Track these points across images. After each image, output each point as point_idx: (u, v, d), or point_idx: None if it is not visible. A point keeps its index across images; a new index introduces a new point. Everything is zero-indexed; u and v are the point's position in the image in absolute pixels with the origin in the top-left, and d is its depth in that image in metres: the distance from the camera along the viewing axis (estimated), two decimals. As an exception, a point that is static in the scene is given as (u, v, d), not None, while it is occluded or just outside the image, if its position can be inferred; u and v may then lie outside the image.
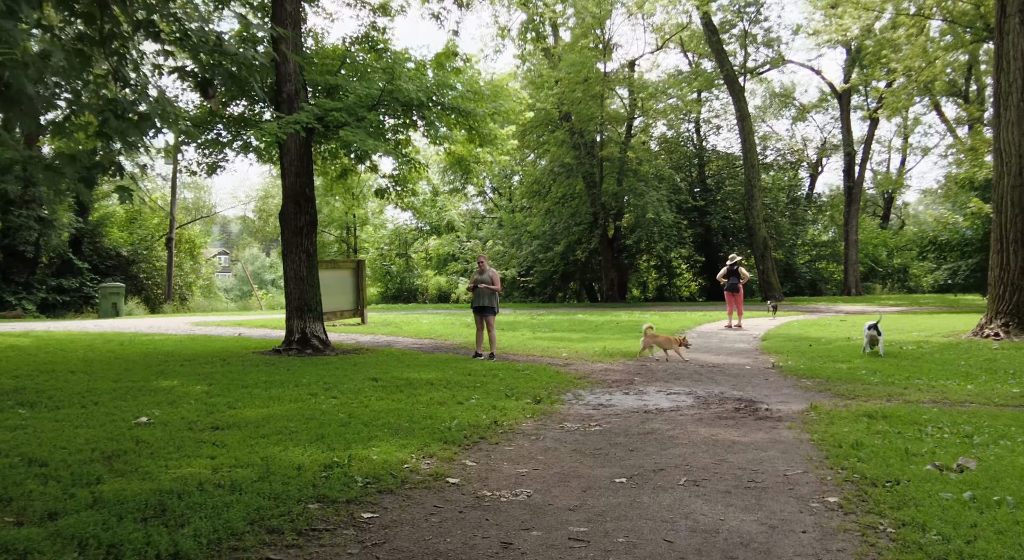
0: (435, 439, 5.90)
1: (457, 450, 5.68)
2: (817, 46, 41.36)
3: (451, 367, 10.73)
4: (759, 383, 9.72)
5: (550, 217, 32.96)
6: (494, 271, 11.99)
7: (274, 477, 4.59)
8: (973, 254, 21.32)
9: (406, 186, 14.33)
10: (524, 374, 10.09)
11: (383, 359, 11.67)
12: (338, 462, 4.99)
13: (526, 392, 8.70)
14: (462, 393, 8.51)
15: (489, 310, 12.00)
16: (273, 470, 4.74)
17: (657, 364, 11.62)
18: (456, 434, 6.13)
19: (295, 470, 4.77)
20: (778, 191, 39.70)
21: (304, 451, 5.31)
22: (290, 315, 12.83)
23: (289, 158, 12.75)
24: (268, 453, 5.24)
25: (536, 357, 12.52)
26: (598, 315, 23.16)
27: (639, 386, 9.57)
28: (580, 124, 30.72)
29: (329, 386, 8.84)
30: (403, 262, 36.46)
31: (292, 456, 5.16)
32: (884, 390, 8.73)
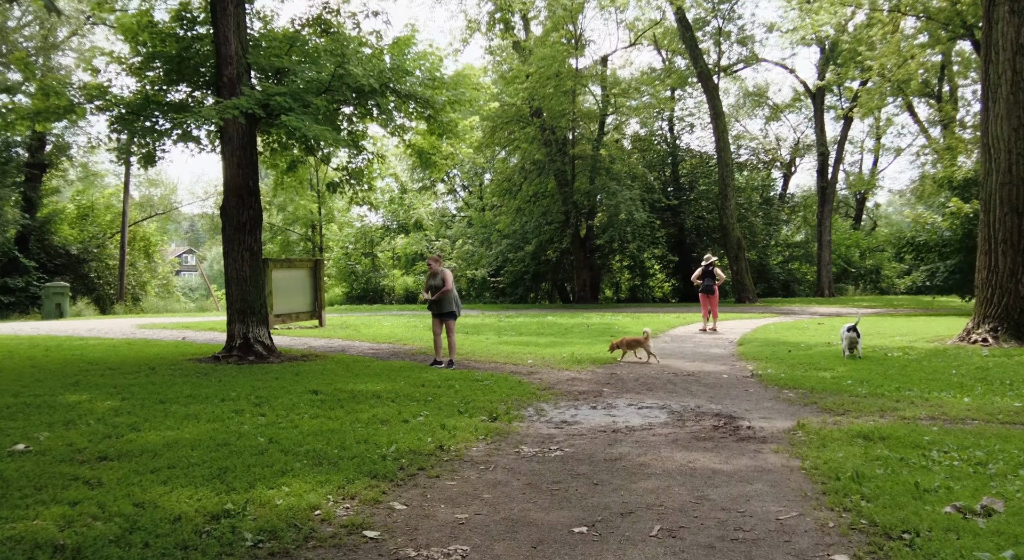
0: (363, 472, 4.95)
1: (387, 487, 4.74)
2: (791, 45, 41.12)
3: (404, 377, 9.77)
4: (738, 395, 8.91)
5: (520, 216, 32.06)
6: (447, 271, 11.00)
7: (138, 535, 3.62)
8: (952, 255, 20.85)
9: (362, 180, 13.32)
10: (483, 385, 9.17)
11: (331, 367, 10.67)
12: (231, 510, 4.03)
13: (482, 407, 7.78)
14: (410, 409, 7.56)
15: (450, 315, 11.05)
16: (142, 524, 3.77)
17: (628, 372, 10.77)
18: (390, 465, 5.19)
19: (170, 524, 3.80)
20: (752, 191, 39.24)
21: (194, 493, 4.33)
22: (231, 319, 11.77)
23: (231, 147, 11.69)
24: (148, 496, 4.25)
25: (499, 364, 11.61)
26: (568, 317, 22.32)
27: (608, 398, 8.71)
28: (551, 120, 29.87)
29: (260, 401, 7.84)
30: (369, 262, 35.24)
31: (175, 501, 4.18)
32: (875, 404, 7.96)
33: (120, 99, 12.19)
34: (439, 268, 10.88)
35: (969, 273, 20.94)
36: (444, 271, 10.87)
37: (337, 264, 35.38)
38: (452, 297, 11.00)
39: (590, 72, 32.03)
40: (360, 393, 8.41)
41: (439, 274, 10.86)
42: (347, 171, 13.21)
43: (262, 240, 38.14)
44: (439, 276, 10.85)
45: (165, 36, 12.27)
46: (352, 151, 11.96)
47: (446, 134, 12.77)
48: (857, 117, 41.10)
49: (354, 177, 13.17)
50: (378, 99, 11.21)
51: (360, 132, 13.71)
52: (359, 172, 13.55)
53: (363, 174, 13.83)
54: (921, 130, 41.97)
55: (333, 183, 13.08)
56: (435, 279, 10.91)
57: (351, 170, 13.17)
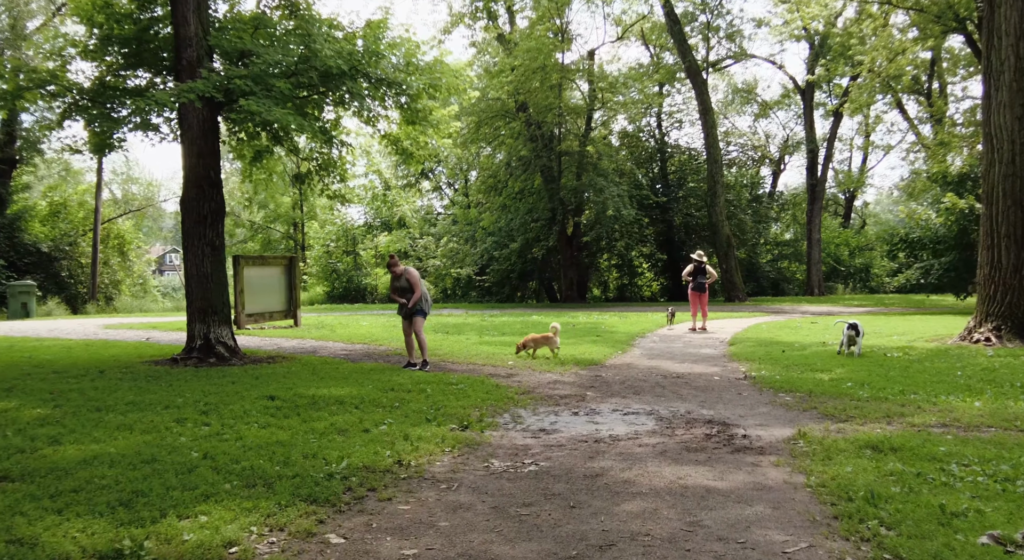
0: (301, 496, 4.26)
1: (327, 514, 4.05)
2: (780, 41, 40.76)
3: (373, 380, 9.07)
4: (731, 399, 8.27)
5: (506, 213, 31.35)
6: (410, 270, 10.22)
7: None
8: (946, 252, 20.35)
9: (332, 172, 12.59)
10: (457, 389, 8.48)
11: (296, 370, 9.95)
12: (125, 549, 3.33)
13: (453, 414, 7.10)
14: (374, 416, 6.87)
15: (418, 313, 10.34)
16: (7, 570, 3.07)
17: (614, 375, 10.12)
18: (335, 486, 4.50)
19: (43, 569, 3.10)
20: (741, 188, 38.71)
21: (89, 525, 3.63)
22: (191, 318, 11.02)
23: (190, 136, 10.94)
24: (32, 530, 3.55)
25: (478, 366, 10.92)
26: (554, 316, 21.65)
27: (592, 403, 8.05)
28: (537, 115, 29.19)
29: (208, 408, 7.12)
30: (351, 260, 34.40)
31: (63, 536, 3.48)
32: (879, 408, 7.34)
33: (74, 84, 11.41)
34: (400, 269, 10.11)
35: (964, 271, 20.50)
36: (408, 271, 10.09)
37: (318, 262, 34.53)
38: (424, 292, 10.31)
39: (577, 66, 31.38)
40: (321, 399, 7.70)
41: (402, 275, 10.11)
42: (317, 162, 12.47)
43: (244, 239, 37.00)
44: (403, 277, 10.10)
45: (122, 17, 11.50)
46: (321, 140, 11.20)
47: (420, 123, 12.04)
48: (847, 114, 40.71)
49: (324, 168, 12.43)
50: (348, 83, 10.48)
51: (332, 122, 12.99)
52: (330, 163, 12.82)
53: (335, 165, 13.10)
54: (911, 127, 41.62)
55: (300, 175, 12.34)
56: (399, 280, 10.18)
57: (320, 161, 12.43)
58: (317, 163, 12.48)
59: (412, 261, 35.20)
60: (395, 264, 10.06)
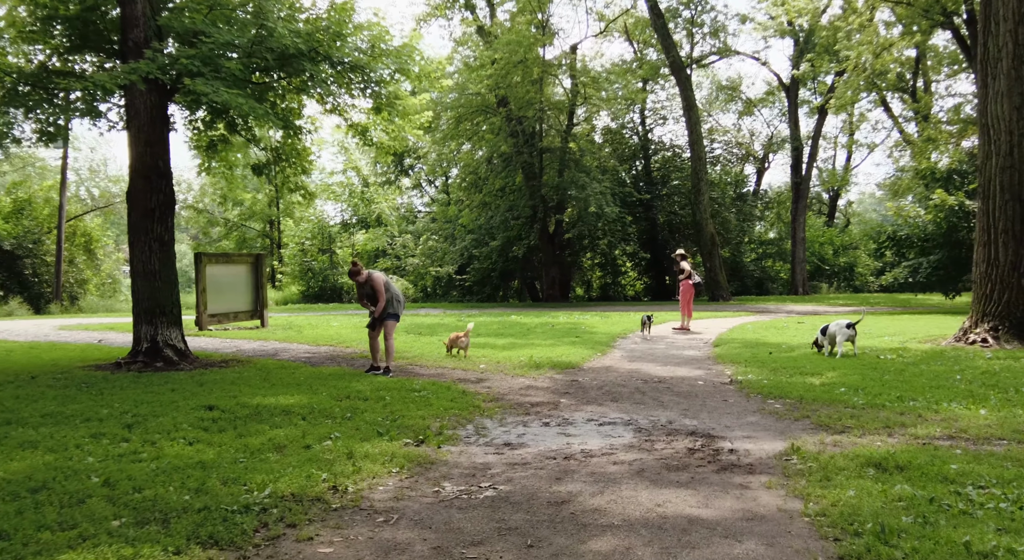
0: (200, 537, 3.54)
1: None
2: (764, 38, 40.30)
3: (330, 387, 8.34)
4: (716, 406, 7.63)
5: (486, 210, 30.61)
6: (375, 275, 9.45)
7: None
8: (934, 250, 19.89)
9: (293, 163, 11.82)
10: (419, 397, 7.77)
11: (248, 376, 9.19)
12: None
13: (411, 426, 6.40)
14: (320, 429, 6.15)
15: (390, 316, 9.62)
16: None
17: (591, 379, 9.45)
18: (247, 522, 3.78)
19: None
20: (725, 186, 38.24)
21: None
22: (137, 320, 10.23)
23: (138, 122, 10.15)
24: None
25: (446, 370, 10.21)
26: (534, 316, 20.99)
27: (565, 412, 7.37)
28: (518, 110, 28.47)
29: (135, 421, 6.36)
30: (326, 258, 33.48)
31: None
32: (877, 417, 6.72)
33: (12, 66, 10.57)
34: (364, 276, 9.35)
35: (953, 269, 20.05)
36: (371, 277, 9.34)
37: (292, 261, 33.56)
38: (393, 293, 9.59)
39: (559, 61, 30.72)
40: (266, 409, 6.97)
41: (367, 281, 9.37)
42: (276, 152, 11.69)
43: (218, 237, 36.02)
44: (367, 284, 9.37)
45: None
46: (276, 126, 10.42)
47: (387, 108, 11.31)
48: (832, 112, 40.33)
49: (283, 159, 11.66)
50: (307, 66, 9.71)
51: (295, 109, 12.24)
52: (291, 153, 12.06)
53: (297, 156, 12.34)
54: (895, 125, 41.38)
55: (258, 166, 11.55)
56: (365, 287, 9.45)
57: (280, 150, 11.65)
58: (276, 153, 11.69)
59: (390, 260, 34.40)
60: (357, 271, 9.32)
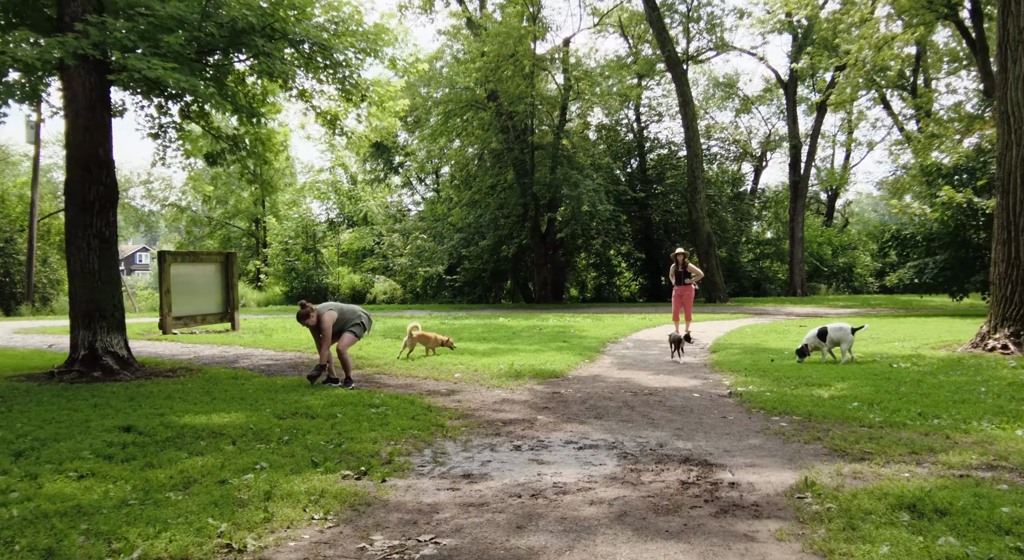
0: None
1: None
2: (762, 34, 39.43)
3: (278, 401, 7.40)
4: (714, 424, 6.70)
5: (475, 208, 29.64)
6: (326, 316, 8.38)
7: None
8: (941, 250, 19.01)
9: (252, 152, 10.86)
10: (376, 414, 6.83)
11: (190, 388, 8.23)
12: None
13: (357, 451, 5.46)
14: (246, 457, 5.21)
15: (351, 330, 8.64)
16: None
17: (575, 391, 8.51)
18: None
19: None
20: (722, 184, 37.35)
21: None
22: (74, 324, 9.25)
23: (75, 106, 9.20)
24: None
25: (417, 380, 9.28)
26: (522, 319, 20.06)
27: (541, 431, 6.44)
28: (509, 105, 27.52)
29: (30, 447, 5.41)
30: (311, 258, 32.44)
31: None
32: (899, 440, 5.81)
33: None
34: (313, 319, 8.35)
35: (960, 270, 19.18)
36: (321, 318, 8.35)
37: (274, 261, 32.50)
38: (348, 318, 8.63)
39: (551, 55, 29.79)
40: (193, 430, 6.02)
41: (318, 323, 8.40)
42: (233, 140, 10.72)
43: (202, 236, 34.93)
44: (319, 326, 8.38)
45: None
46: (223, 108, 9.44)
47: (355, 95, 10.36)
48: (831, 109, 39.46)
49: (241, 147, 10.69)
50: (260, 42, 8.75)
51: (257, 95, 11.29)
52: (256, 141, 11.10)
53: (262, 145, 11.38)
54: (895, 123, 40.55)
55: (212, 155, 10.58)
56: (319, 332, 8.47)
57: (236, 138, 10.68)
58: (233, 141, 10.72)
59: (377, 259, 33.36)
60: (306, 314, 8.34)
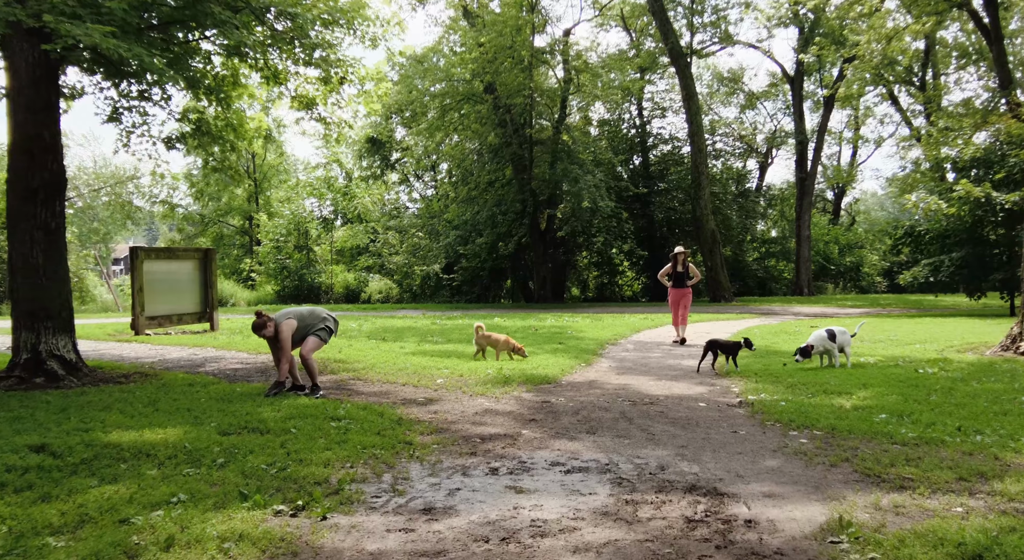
0: None
1: None
2: (767, 27, 38.51)
3: (228, 413, 6.55)
4: (723, 441, 5.84)
5: (472, 205, 28.76)
6: (283, 326, 7.52)
7: None
8: (957, 247, 18.09)
9: (218, 137, 10.01)
10: (336, 428, 5.98)
11: (136, 397, 7.38)
12: None
13: (301, 477, 4.61)
14: (166, 486, 4.36)
15: (316, 334, 7.78)
16: None
17: (568, 399, 7.65)
18: None
19: None
20: (726, 181, 36.45)
21: None
22: (16, 325, 8.42)
23: (18, 85, 8.36)
24: None
25: (394, 387, 8.42)
26: (519, 319, 19.20)
27: (524, 449, 5.58)
28: (507, 97, 26.65)
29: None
30: (303, 256, 31.54)
31: None
32: (940, 461, 4.96)
33: None
34: (270, 330, 7.48)
35: (978, 268, 18.28)
36: (279, 328, 7.49)
37: (265, 259, 31.67)
38: (310, 323, 7.75)
39: (551, 47, 28.90)
40: (116, 450, 5.17)
41: (276, 332, 7.53)
42: (197, 124, 9.86)
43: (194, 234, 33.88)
44: (278, 335, 7.53)
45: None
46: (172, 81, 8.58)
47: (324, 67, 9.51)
48: (838, 105, 38.60)
49: (205, 131, 9.84)
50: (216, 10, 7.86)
51: (226, 77, 10.44)
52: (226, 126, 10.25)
53: (233, 131, 10.53)
54: (903, 119, 39.62)
55: (170, 139, 9.72)
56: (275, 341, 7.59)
57: (200, 121, 9.83)
58: (197, 125, 9.87)
59: (372, 257, 32.44)
60: (262, 325, 7.45)
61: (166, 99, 9.86)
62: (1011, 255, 17.74)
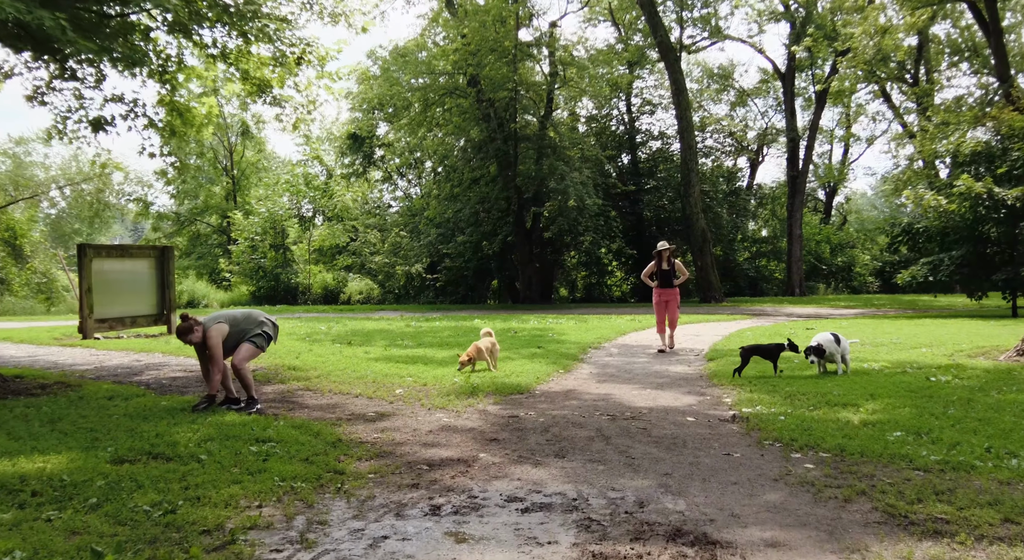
0: None
1: None
2: (758, 22, 37.78)
3: (136, 433, 5.61)
4: (715, 466, 4.95)
5: (454, 202, 27.81)
6: (213, 330, 6.60)
7: None
8: (957, 244, 17.30)
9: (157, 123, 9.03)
10: (257, 454, 5.04)
11: (38, 412, 6.43)
12: None
13: (188, 523, 3.69)
14: (2, 542, 3.42)
15: (251, 339, 6.83)
16: None
17: (539, 413, 6.75)
18: None
19: None
20: (717, 179, 35.66)
21: None
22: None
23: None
24: None
25: (345, 398, 7.50)
26: (500, 321, 18.29)
27: (478, 479, 4.67)
28: (490, 91, 25.74)
29: None
30: (279, 255, 30.43)
31: None
32: (974, 495, 4.12)
33: None
34: (197, 335, 6.58)
35: (979, 267, 17.50)
36: (207, 334, 6.59)
37: (240, 258, 30.54)
38: (245, 327, 6.80)
39: (537, 41, 28.01)
40: (-26, 484, 4.22)
41: (203, 341, 6.61)
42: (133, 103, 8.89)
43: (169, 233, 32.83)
44: (207, 341, 6.59)
45: None
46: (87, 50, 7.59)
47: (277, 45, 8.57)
48: (830, 102, 37.94)
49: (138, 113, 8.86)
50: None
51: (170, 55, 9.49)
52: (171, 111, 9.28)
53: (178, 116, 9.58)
54: (896, 116, 39.01)
55: (97, 121, 8.73)
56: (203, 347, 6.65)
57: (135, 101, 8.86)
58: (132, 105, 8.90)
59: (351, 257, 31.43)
60: (188, 329, 6.53)
61: (99, 80, 8.89)
62: (1013, 253, 16.97)
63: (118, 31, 8.72)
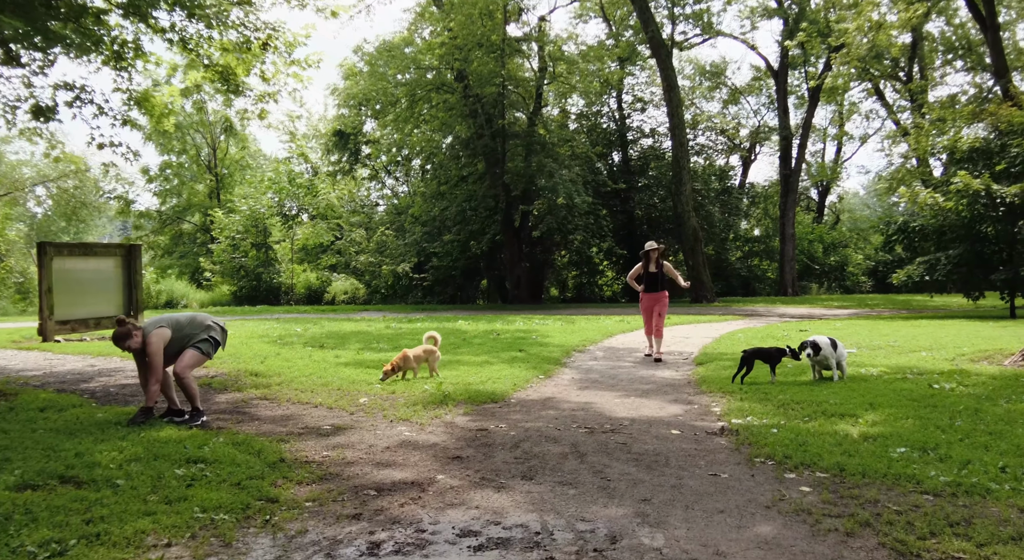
0: None
1: None
2: (751, 19, 37.34)
3: (51, 454, 5.03)
4: (700, 490, 4.39)
5: (441, 200, 27.22)
6: (152, 338, 5.94)
7: None
8: (955, 243, 16.82)
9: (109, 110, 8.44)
10: (183, 478, 4.47)
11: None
12: None
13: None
14: None
15: (196, 345, 6.23)
16: None
17: (511, 425, 6.19)
18: None
19: None
20: (709, 177, 35.17)
21: None
22: None
23: None
24: None
25: (303, 409, 6.92)
26: (484, 322, 17.72)
27: (429, 508, 4.10)
28: (478, 86, 25.16)
29: None
30: (260, 254, 29.73)
31: None
32: (995, 524, 3.62)
33: None
34: (136, 341, 5.94)
35: (977, 267, 17.03)
36: (148, 340, 5.97)
37: (221, 257, 29.84)
38: (189, 333, 6.19)
39: (527, 35, 27.45)
40: None
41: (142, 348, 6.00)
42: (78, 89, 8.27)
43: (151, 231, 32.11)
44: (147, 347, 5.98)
45: None
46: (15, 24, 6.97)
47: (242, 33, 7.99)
48: (823, 100, 37.50)
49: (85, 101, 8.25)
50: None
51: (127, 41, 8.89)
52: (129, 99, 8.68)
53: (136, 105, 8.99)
54: (889, 114, 38.62)
55: (41, 108, 8.10)
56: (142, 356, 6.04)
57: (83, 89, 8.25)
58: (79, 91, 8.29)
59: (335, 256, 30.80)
60: (126, 334, 5.90)
61: (43, 65, 8.28)
62: (1012, 253, 16.51)
63: (68, 14, 8.12)
